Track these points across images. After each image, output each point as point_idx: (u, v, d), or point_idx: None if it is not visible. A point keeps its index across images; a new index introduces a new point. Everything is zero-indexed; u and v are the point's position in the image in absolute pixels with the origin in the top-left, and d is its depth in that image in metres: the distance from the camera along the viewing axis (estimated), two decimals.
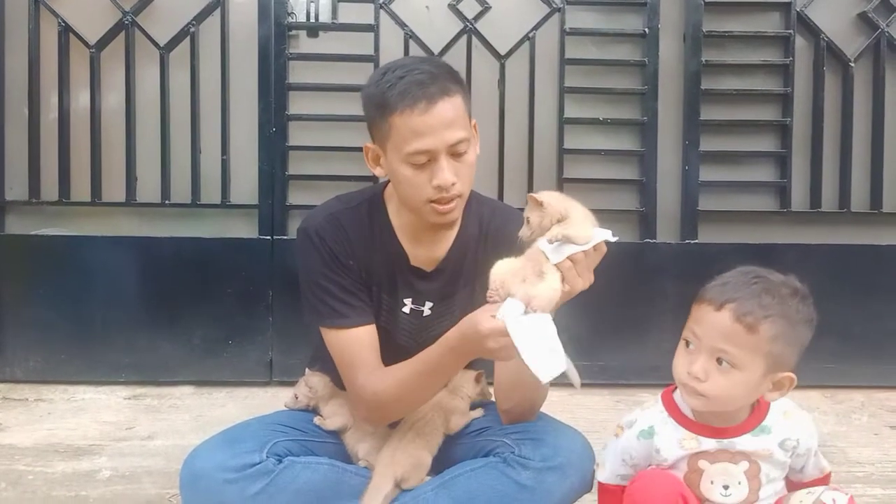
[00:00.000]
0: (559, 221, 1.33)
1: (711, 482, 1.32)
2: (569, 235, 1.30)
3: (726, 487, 1.31)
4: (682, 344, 1.34)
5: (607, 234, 1.33)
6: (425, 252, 1.62)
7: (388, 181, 1.61)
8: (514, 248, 1.55)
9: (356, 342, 1.54)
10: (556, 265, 1.31)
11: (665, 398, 1.42)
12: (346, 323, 1.54)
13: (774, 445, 1.33)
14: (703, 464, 1.33)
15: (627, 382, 2.93)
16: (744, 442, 1.33)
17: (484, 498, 1.44)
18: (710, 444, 1.33)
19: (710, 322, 1.28)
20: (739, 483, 1.31)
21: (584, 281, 1.32)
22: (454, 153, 1.45)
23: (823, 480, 1.42)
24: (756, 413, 1.35)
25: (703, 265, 2.91)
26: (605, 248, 1.33)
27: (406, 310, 1.63)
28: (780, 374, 1.29)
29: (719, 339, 1.26)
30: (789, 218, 3.03)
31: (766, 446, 1.33)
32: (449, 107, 1.43)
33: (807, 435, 1.37)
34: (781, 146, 3.04)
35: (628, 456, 1.40)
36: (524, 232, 1.37)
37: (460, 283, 1.61)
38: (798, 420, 1.37)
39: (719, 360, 1.27)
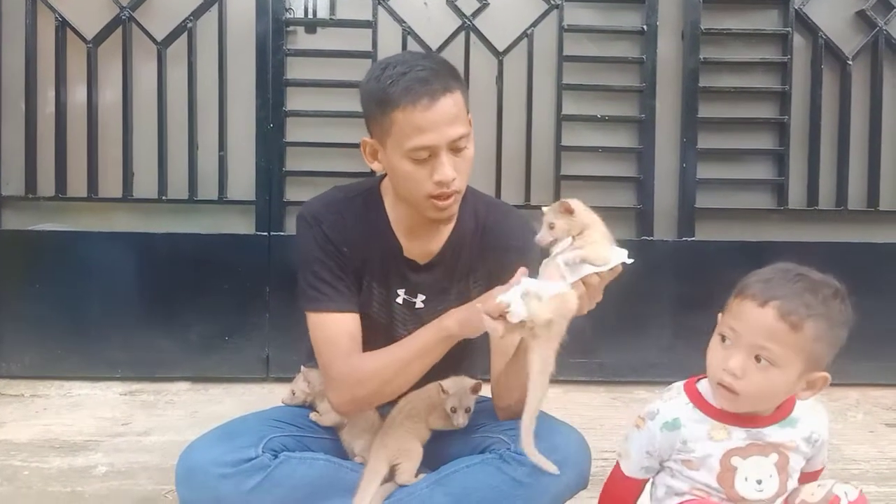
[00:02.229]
0: (579, 234, 1.32)
1: (745, 479, 1.31)
2: (587, 257, 1.29)
3: (759, 482, 1.31)
4: (716, 339, 1.31)
5: (623, 256, 1.31)
6: (420, 245, 1.62)
7: (385, 174, 1.62)
8: (510, 244, 1.55)
9: (337, 326, 1.55)
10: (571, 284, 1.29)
11: (688, 389, 1.39)
12: (331, 307, 1.55)
13: (800, 438, 1.34)
14: (735, 461, 1.31)
15: (624, 380, 2.93)
16: (772, 432, 1.32)
17: (480, 494, 1.44)
18: (739, 435, 1.32)
19: (753, 319, 1.25)
20: (771, 476, 1.31)
21: (592, 302, 1.32)
22: (454, 148, 1.46)
23: (818, 473, 1.43)
24: (784, 406, 1.34)
25: (701, 262, 2.94)
26: (619, 269, 1.32)
27: (399, 300, 1.64)
28: (815, 374, 1.27)
29: (761, 337, 1.24)
30: (786, 215, 3.04)
31: (792, 438, 1.33)
32: (451, 103, 1.44)
33: (825, 429, 1.38)
34: (779, 144, 3.04)
35: (652, 448, 1.38)
36: (543, 237, 1.34)
37: (455, 277, 1.62)
38: (820, 414, 1.38)
39: (758, 358, 1.25)
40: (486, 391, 1.68)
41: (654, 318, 2.95)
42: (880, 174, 3.04)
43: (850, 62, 3.01)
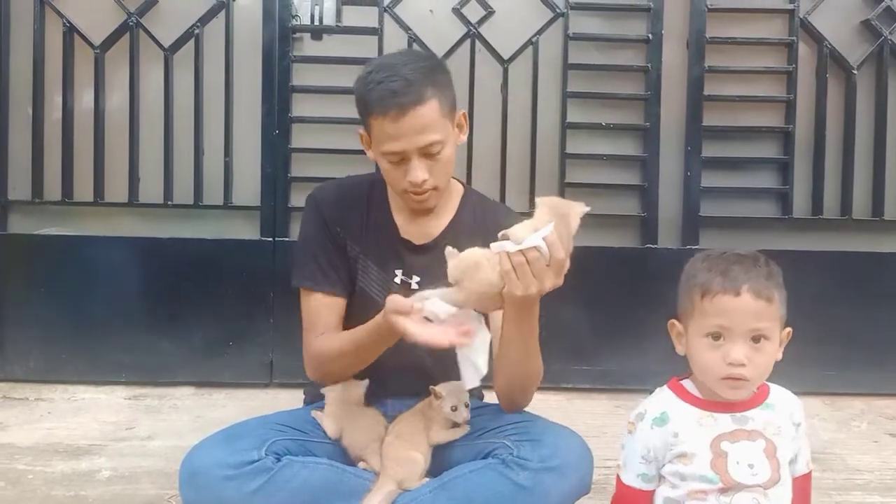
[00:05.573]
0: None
1: (737, 462, 1.33)
2: (507, 233, 1.40)
3: (752, 466, 1.33)
4: (705, 342, 1.35)
5: (537, 240, 1.40)
6: (418, 228, 1.70)
7: None
8: None
9: (319, 307, 1.69)
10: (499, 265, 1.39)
11: (672, 386, 1.44)
12: (315, 287, 1.69)
13: (783, 419, 1.37)
14: (725, 445, 1.34)
15: (627, 388, 2.92)
16: (755, 416, 1.36)
17: (482, 499, 1.44)
18: (725, 420, 1.35)
19: (737, 308, 1.32)
20: (762, 462, 1.34)
21: (522, 286, 1.38)
22: (426, 154, 1.54)
23: (806, 478, 1.43)
24: (759, 392, 1.40)
25: None
26: (538, 253, 1.39)
27: (397, 280, 1.69)
28: (783, 332, 1.38)
29: (752, 320, 1.32)
30: (791, 224, 3.03)
31: (775, 421, 1.37)
32: (421, 113, 1.51)
33: (802, 413, 1.42)
34: (784, 153, 3.04)
35: (646, 450, 1.38)
36: None
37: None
38: (794, 399, 1.43)
39: (755, 339, 1.32)
40: (490, 398, 1.69)
41: (657, 326, 2.89)
42: (885, 183, 3.03)
43: (855, 71, 3.01)
